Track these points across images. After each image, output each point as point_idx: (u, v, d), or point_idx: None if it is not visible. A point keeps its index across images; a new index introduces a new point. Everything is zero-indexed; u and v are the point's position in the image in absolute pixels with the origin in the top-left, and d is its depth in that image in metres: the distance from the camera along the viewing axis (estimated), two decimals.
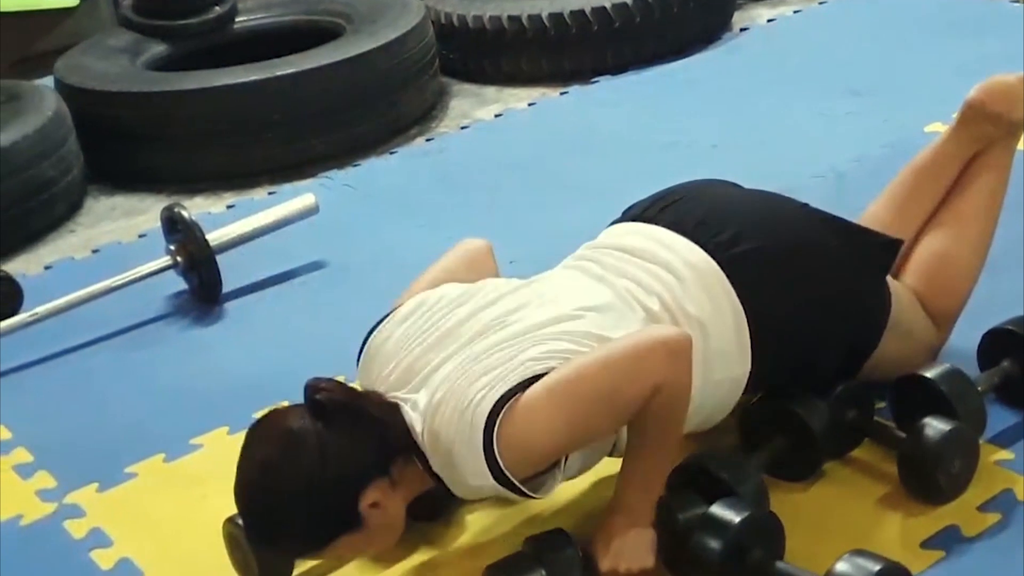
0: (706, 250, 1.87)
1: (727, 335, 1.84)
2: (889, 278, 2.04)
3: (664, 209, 1.98)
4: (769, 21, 4.22)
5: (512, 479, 1.66)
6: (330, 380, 1.72)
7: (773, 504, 1.83)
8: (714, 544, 1.68)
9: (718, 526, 1.69)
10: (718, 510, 1.72)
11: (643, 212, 2.00)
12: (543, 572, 1.69)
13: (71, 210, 3.50)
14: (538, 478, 1.72)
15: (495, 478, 1.65)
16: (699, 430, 1.92)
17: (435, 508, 1.99)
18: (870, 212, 2.18)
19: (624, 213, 2.06)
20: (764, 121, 3.44)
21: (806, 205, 2.03)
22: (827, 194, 2.69)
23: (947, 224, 2.12)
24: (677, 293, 1.83)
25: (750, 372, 1.86)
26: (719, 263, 1.86)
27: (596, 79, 3.91)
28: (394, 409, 1.72)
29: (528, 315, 1.78)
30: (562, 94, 3.86)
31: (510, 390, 1.66)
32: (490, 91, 3.98)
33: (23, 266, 3.20)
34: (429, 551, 1.95)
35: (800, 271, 1.91)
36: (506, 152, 3.53)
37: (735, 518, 1.69)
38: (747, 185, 2.11)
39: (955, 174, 2.14)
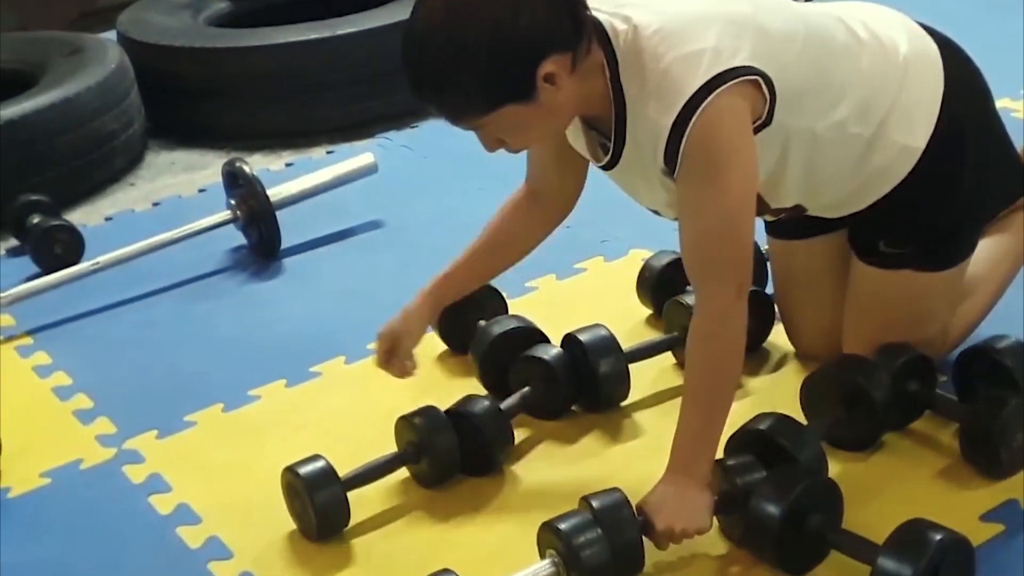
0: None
1: (921, 96, 1.85)
2: None
3: None
4: None
5: (686, 137, 1.62)
6: None
7: (832, 473, 1.83)
8: (772, 509, 1.67)
9: (777, 491, 1.69)
10: (777, 475, 1.72)
11: None
12: (599, 531, 1.69)
13: (131, 164, 3.53)
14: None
15: (675, 122, 1.61)
16: (850, 206, 1.93)
17: (489, 462, 2.00)
18: None
19: None
20: None
21: None
22: None
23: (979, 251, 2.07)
24: (892, 34, 1.86)
25: (912, 167, 1.86)
26: (940, 47, 1.90)
27: None
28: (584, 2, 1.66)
29: (765, 8, 1.76)
30: None
31: (749, 68, 1.64)
32: None
33: (84, 217, 3.23)
34: (484, 507, 1.95)
35: (988, 111, 1.97)
36: None
37: (795, 483, 1.68)
38: None
39: None
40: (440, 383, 2.25)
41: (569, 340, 2.13)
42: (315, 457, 1.92)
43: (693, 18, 1.67)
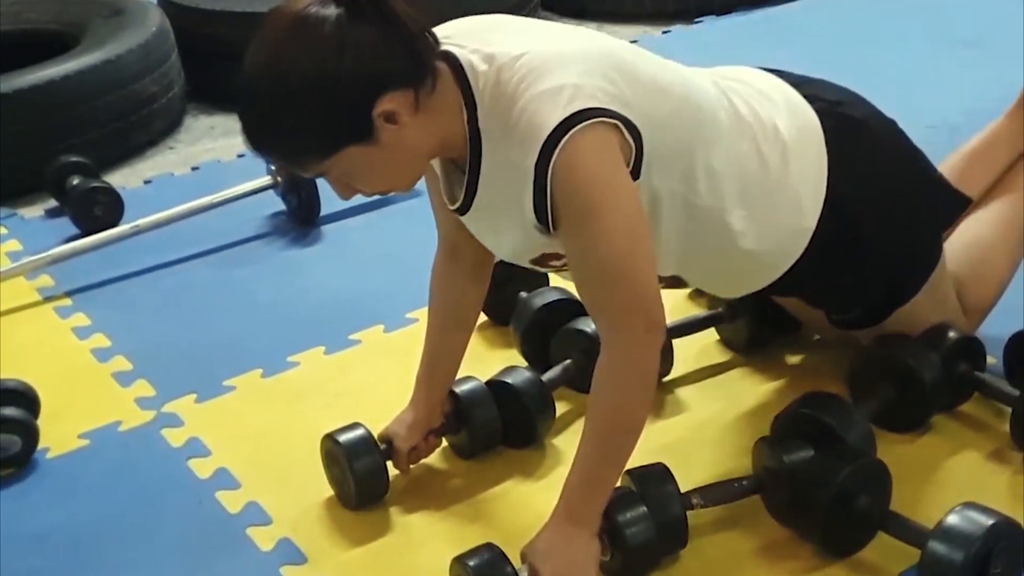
0: (807, 100, 1.81)
1: (806, 176, 1.76)
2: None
3: (768, 69, 1.91)
4: None
5: (548, 178, 1.50)
6: None
7: (880, 454, 1.79)
8: (821, 490, 1.65)
9: (825, 472, 1.66)
10: (825, 455, 1.70)
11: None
12: (644, 508, 1.67)
13: (171, 127, 3.53)
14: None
15: (537, 164, 1.49)
16: (738, 289, 1.88)
17: (531, 434, 1.99)
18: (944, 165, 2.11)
19: None
20: (873, 70, 3.33)
21: (896, 123, 1.95)
22: (939, 146, 2.61)
23: (989, 214, 2.04)
24: (770, 111, 1.76)
25: (803, 250, 1.78)
26: (818, 113, 1.80)
27: (700, 19, 3.83)
28: (431, 32, 1.56)
29: (646, 59, 1.67)
30: (664, 33, 3.80)
31: (614, 112, 1.53)
32: (590, 26, 3.92)
33: (123, 180, 3.23)
34: (524, 479, 1.94)
35: (889, 171, 1.85)
36: None
37: (843, 463, 1.66)
38: None
39: (1009, 160, 2.07)
40: (480, 355, 2.23)
41: None
42: (355, 425, 1.91)
43: (558, 56, 1.56)
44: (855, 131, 1.83)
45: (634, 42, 3.78)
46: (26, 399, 2.17)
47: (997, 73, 3.17)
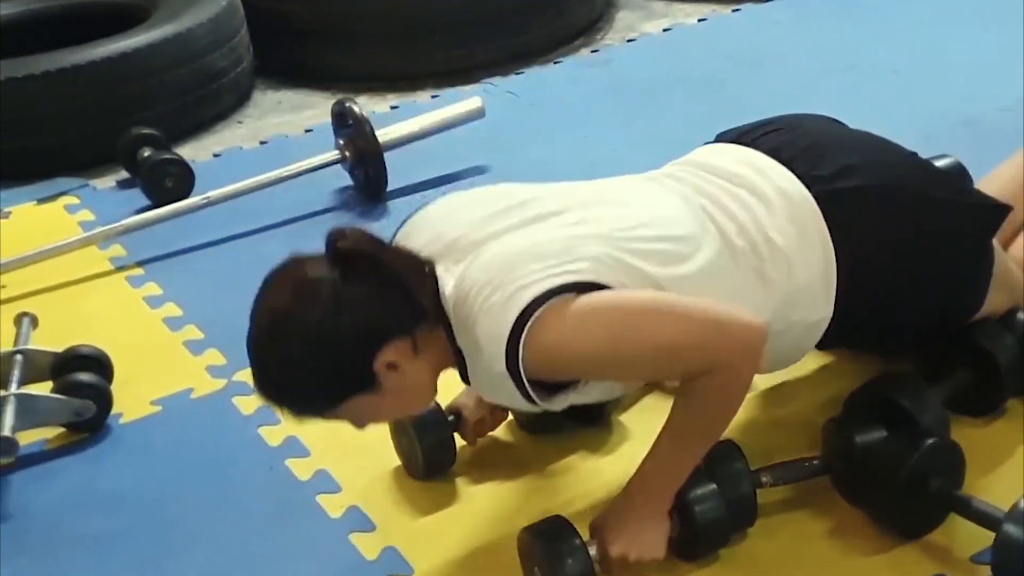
0: (803, 181, 1.72)
1: (813, 272, 1.70)
2: (996, 243, 1.88)
3: (764, 135, 1.82)
4: None
5: (523, 375, 1.53)
6: (355, 228, 1.59)
7: (953, 437, 1.78)
8: (893, 471, 1.63)
9: (899, 453, 1.65)
10: (899, 436, 1.68)
11: (739, 136, 1.85)
12: (713, 485, 1.67)
13: (239, 102, 3.56)
14: (550, 390, 1.61)
15: (508, 367, 1.52)
16: (765, 373, 1.84)
17: (597, 412, 1.98)
18: (994, 172, 2.06)
19: (718, 136, 1.91)
20: (948, 51, 3.31)
21: (915, 154, 1.86)
22: (1013, 129, 2.58)
23: None
24: (763, 221, 1.69)
25: (831, 320, 1.73)
26: (815, 196, 1.71)
27: None
28: (423, 267, 1.60)
29: (600, 214, 1.65)
30: (734, 11, 3.77)
31: (563, 286, 1.53)
32: (658, 5, 3.91)
33: (192, 153, 3.26)
34: (590, 456, 1.94)
35: (900, 218, 1.75)
36: (673, 67, 3.47)
37: (917, 445, 1.64)
38: (929, 113, 2.02)
39: None
40: None
41: None
42: None
43: (514, 259, 1.56)
44: (858, 203, 1.74)
45: (702, 20, 3.77)
46: (100, 365, 2.21)
47: None
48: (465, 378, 1.64)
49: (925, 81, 3.08)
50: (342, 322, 1.52)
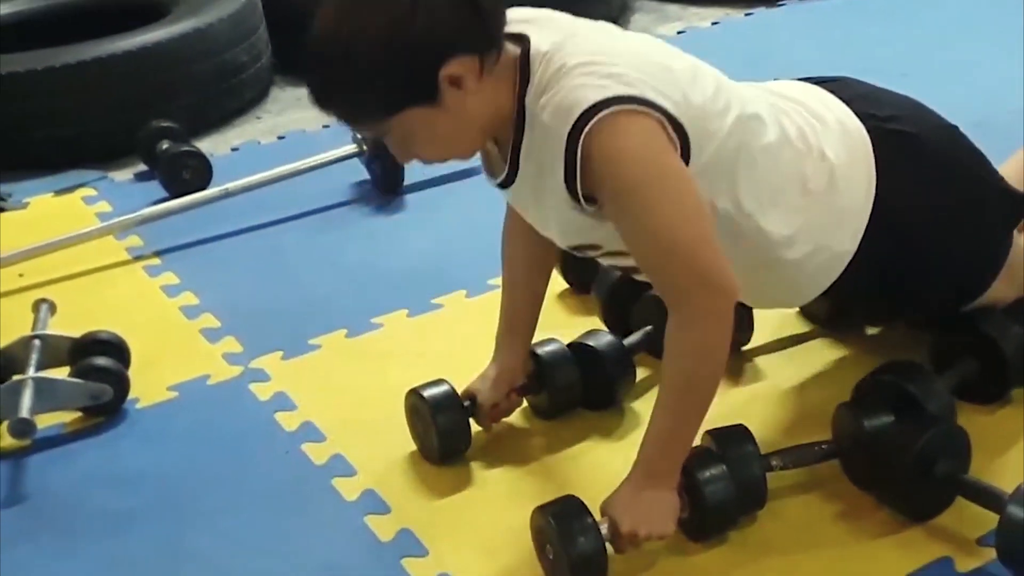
0: (859, 117, 1.79)
1: (852, 200, 1.74)
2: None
3: (822, 81, 1.90)
4: None
5: (580, 149, 1.51)
6: None
7: (959, 423, 1.80)
8: (901, 454, 1.66)
9: (906, 437, 1.67)
10: (906, 421, 1.71)
11: (799, 79, 1.92)
12: (724, 467, 1.70)
13: (258, 97, 3.61)
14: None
15: (570, 133, 1.51)
16: (780, 306, 1.84)
17: (610, 397, 2.02)
18: (1009, 164, 2.06)
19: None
20: (957, 54, 3.34)
21: (958, 128, 1.90)
22: (1021, 130, 2.61)
23: None
24: (820, 135, 1.74)
25: (852, 262, 1.76)
26: (869, 131, 1.77)
27: (783, 2, 3.83)
28: (508, 17, 1.58)
29: (706, 81, 1.66)
30: (747, 15, 3.80)
31: (658, 106, 1.54)
32: (673, 8, 3.94)
33: (211, 147, 3.30)
34: (603, 440, 1.97)
35: (943, 180, 1.81)
36: None
37: (925, 429, 1.67)
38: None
39: None
40: (561, 321, 2.27)
41: None
42: (439, 381, 1.95)
43: (615, 50, 1.60)
44: (908, 148, 1.80)
45: (715, 24, 3.80)
46: (117, 350, 2.24)
47: None
48: (515, 151, 1.62)
49: (934, 84, 3.06)
50: (417, 21, 1.48)
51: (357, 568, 1.77)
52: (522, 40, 1.62)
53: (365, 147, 2.90)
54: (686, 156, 1.59)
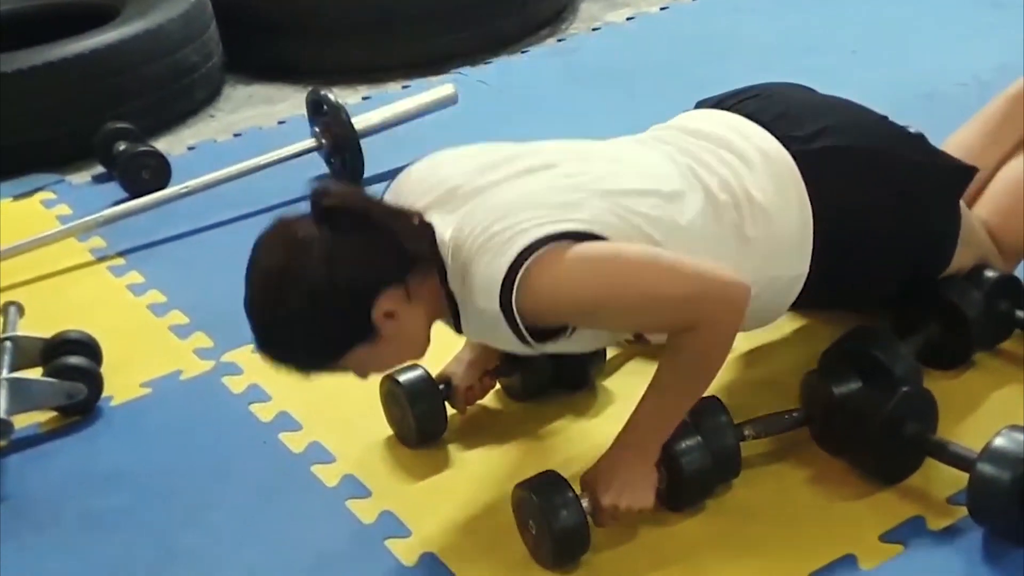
0: (782, 142, 1.79)
1: (791, 229, 1.76)
2: (962, 203, 1.96)
3: (741, 102, 1.90)
4: None
5: (516, 315, 1.58)
6: (338, 184, 1.64)
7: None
8: (871, 418, 1.71)
9: (875, 401, 1.72)
10: (874, 386, 1.75)
11: (718, 103, 1.92)
12: (699, 438, 1.73)
13: (211, 96, 3.60)
14: (540, 336, 1.65)
15: (502, 307, 1.57)
16: (746, 331, 1.88)
17: (582, 377, 2.05)
18: (957, 136, 2.13)
19: (698, 104, 1.98)
20: (905, 29, 3.40)
21: (886, 118, 1.94)
22: (970, 102, 2.66)
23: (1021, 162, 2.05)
24: (744, 178, 1.75)
25: (806, 276, 1.80)
26: (794, 156, 1.78)
27: None
28: (412, 216, 1.65)
29: (592, 168, 1.72)
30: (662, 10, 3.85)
31: (562, 233, 1.59)
32: None
33: (167, 147, 3.29)
34: (577, 419, 2.00)
35: (875, 178, 1.83)
36: (638, 54, 3.55)
37: (892, 392, 1.71)
38: (888, 89, 2.08)
39: None
40: None
41: None
42: (414, 367, 1.97)
43: (512, 200, 1.63)
44: (835, 160, 1.81)
45: (664, 9, 3.83)
46: (89, 348, 2.25)
47: None
48: (457, 327, 1.69)
49: (884, 59, 3.17)
50: (337, 277, 1.57)
51: (343, 552, 1.79)
52: (427, 229, 1.65)
53: (324, 140, 2.91)
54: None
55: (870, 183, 1.82)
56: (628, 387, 2.03)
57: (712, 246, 1.70)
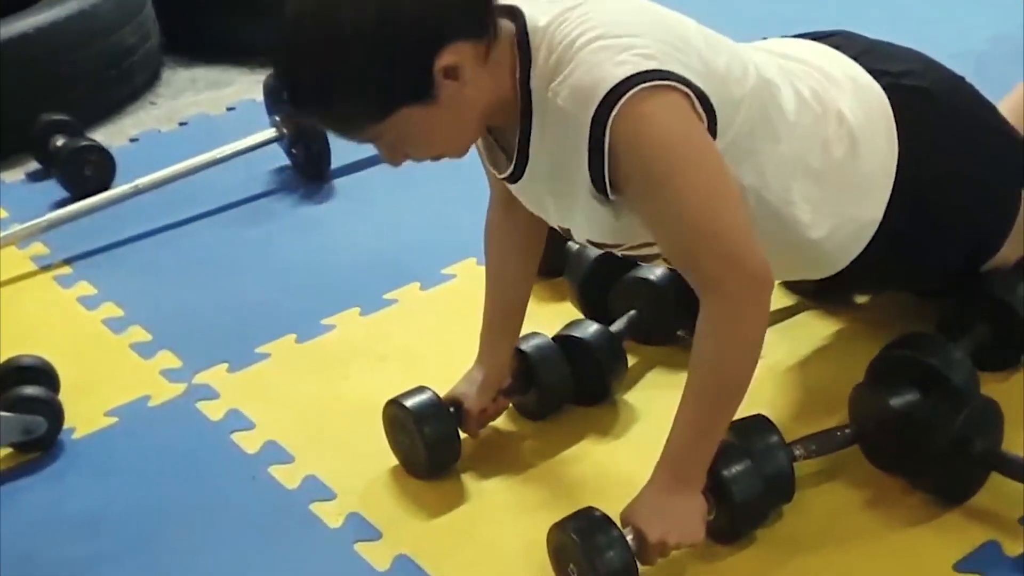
0: (871, 74, 1.68)
1: (874, 163, 1.64)
2: None
3: (825, 37, 1.78)
4: None
5: (607, 128, 1.36)
6: None
7: None
8: (939, 434, 1.57)
9: (942, 415, 1.58)
10: (936, 398, 1.62)
11: (800, 36, 1.80)
12: (749, 462, 1.58)
13: (150, 81, 3.36)
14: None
15: (595, 118, 1.36)
16: (802, 278, 1.77)
17: (603, 391, 1.89)
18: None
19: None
20: (901, 5, 3.29)
21: (964, 79, 1.82)
22: (966, 73, 2.54)
23: None
24: (834, 93, 1.63)
25: (874, 234, 1.67)
26: (884, 89, 1.67)
27: None
28: None
29: (715, 40, 1.54)
30: None
31: (687, 80, 1.40)
32: None
33: (107, 138, 3.03)
34: (601, 438, 1.84)
35: (960, 133, 1.72)
36: None
37: (959, 406, 1.58)
38: None
39: None
40: (531, 311, 2.11)
41: None
42: (420, 388, 1.79)
43: (627, 19, 1.43)
44: (926, 105, 1.70)
45: None
46: (45, 376, 2.02)
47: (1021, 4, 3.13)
48: (510, 143, 1.49)
49: (876, 31, 2.96)
50: (406, 6, 1.32)
51: None
52: (514, 14, 1.46)
53: (285, 130, 2.70)
54: (713, 131, 1.46)
55: (954, 134, 1.71)
56: (651, 403, 1.90)
57: (798, 149, 1.57)
